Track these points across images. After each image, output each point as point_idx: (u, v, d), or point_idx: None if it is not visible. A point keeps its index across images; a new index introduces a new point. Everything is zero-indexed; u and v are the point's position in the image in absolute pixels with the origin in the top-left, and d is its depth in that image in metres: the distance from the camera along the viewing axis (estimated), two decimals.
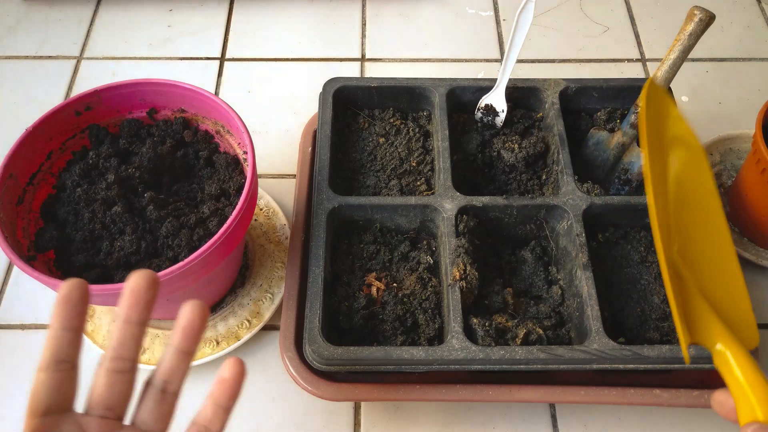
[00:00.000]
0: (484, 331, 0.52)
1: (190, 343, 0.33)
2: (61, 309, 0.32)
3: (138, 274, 0.33)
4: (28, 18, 0.89)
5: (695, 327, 0.40)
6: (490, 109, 0.66)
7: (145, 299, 0.33)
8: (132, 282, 0.33)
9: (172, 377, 0.33)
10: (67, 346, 0.32)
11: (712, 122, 0.78)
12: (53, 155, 0.57)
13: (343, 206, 0.58)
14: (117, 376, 0.32)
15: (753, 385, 0.36)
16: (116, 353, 0.32)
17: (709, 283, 0.42)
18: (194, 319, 0.33)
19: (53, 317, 0.32)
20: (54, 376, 0.31)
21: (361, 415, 0.59)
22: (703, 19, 0.58)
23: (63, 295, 0.32)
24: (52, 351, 0.31)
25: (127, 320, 0.33)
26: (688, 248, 0.43)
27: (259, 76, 0.83)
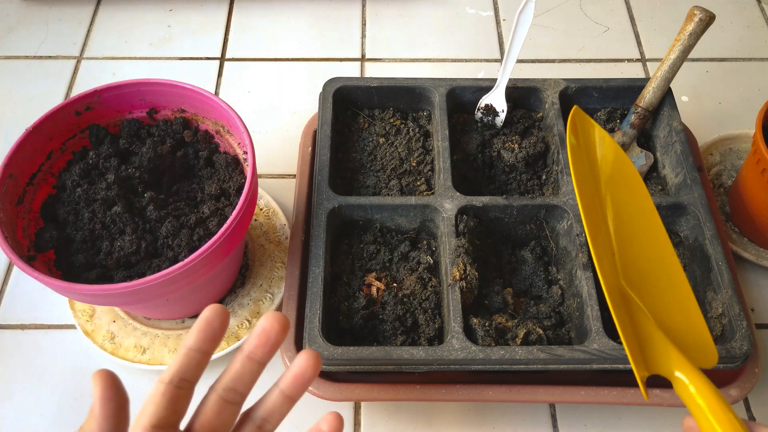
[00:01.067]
0: (484, 331, 0.52)
1: (297, 391, 0.34)
2: (201, 331, 0.33)
3: (274, 315, 0.33)
4: (28, 18, 0.89)
5: (651, 357, 0.39)
6: (490, 109, 0.66)
7: (274, 341, 0.34)
8: (267, 322, 0.33)
9: (271, 417, 0.34)
10: (194, 366, 0.33)
11: (712, 122, 0.78)
12: (53, 155, 0.57)
13: (343, 206, 0.58)
14: (226, 405, 0.33)
15: (715, 411, 0.36)
16: (232, 384, 0.33)
17: (661, 307, 0.41)
18: (308, 369, 0.34)
19: (191, 336, 0.33)
20: (174, 392, 0.32)
21: (361, 415, 0.59)
22: (703, 19, 0.58)
23: (206, 318, 0.33)
24: (179, 367, 0.32)
25: (251, 357, 0.33)
26: (636, 274, 0.41)
27: (259, 76, 0.83)
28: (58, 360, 0.62)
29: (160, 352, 0.59)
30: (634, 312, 0.40)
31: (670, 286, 0.42)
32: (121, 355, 0.59)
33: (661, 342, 0.39)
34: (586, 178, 0.42)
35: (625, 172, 0.44)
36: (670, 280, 0.42)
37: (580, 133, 0.43)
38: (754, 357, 0.54)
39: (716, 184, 0.71)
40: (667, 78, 0.61)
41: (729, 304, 0.53)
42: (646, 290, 0.41)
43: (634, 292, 0.41)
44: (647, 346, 0.39)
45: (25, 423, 0.58)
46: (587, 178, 0.42)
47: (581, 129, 0.44)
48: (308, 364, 0.34)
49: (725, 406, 0.36)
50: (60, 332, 0.64)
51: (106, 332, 0.61)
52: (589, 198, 0.41)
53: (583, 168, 0.42)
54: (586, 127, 0.44)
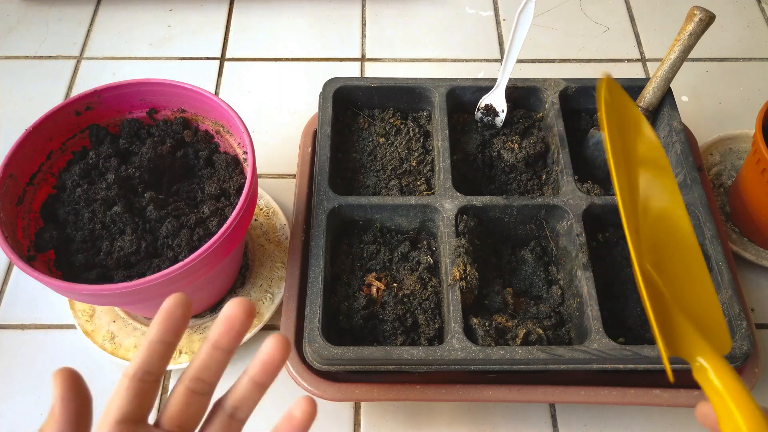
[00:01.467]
0: (484, 331, 0.52)
1: (267, 378, 0.33)
2: (162, 322, 0.32)
3: (237, 302, 0.33)
4: (28, 18, 0.89)
5: (674, 340, 0.39)
6: (490, 109, 0.66)
7: (238, 329, 0.33)
8: (229, 309, 0.32)
9: (242, 404, 0.33)
10: (157, 358, 0.32)
11: (712, 122, 0.78)
12: (53, 155, 0.57)
13: (343, 206, 0.58)
14: (194, 396, 0.33)
15: (736, 400, 0.35)
16: (198, 374, 0.33)
17: (681, 291, 0.41)
18: (276, 355, 0.33)
19: (152, 328, 0.32)
20: (138, 386, 0.31)
21: (361, 415, 0.59)
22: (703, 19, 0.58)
23: (167, 308, 0.32)
24: (142, 360, 0.32)
25: (216, 345, 0.33)
26: (658, 257, 0.41)
27: (259, 76, 0.83)
28: (58, 360, 0.62)
29: None
30: (657, 294, 0.40)
31: (691, 270, 0.42)
32: (121, 355, 0.59)
33: (683, 325, 0.39)
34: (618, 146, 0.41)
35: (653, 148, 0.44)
36: (691, 265, 0.42)
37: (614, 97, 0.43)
38: (754, 357, 0.54)
39: (716, 184, 0.71)
40: (667, 78, 0.61)
41: (729, 304, 0.53)
42: (668, 274, 0.41)
43: (657, 273, 0.41)
44: (670, 329, 0.39)
45: (25, 423, 0.58)
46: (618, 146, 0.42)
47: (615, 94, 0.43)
48: (276, 349, 0.32)
49: (747, 394, 0.35)
50: (60, 332, 0.64)
51: (106, 332, 0.61)
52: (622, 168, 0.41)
53: (615, 134, 0.42)
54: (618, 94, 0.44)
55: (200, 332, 0.61)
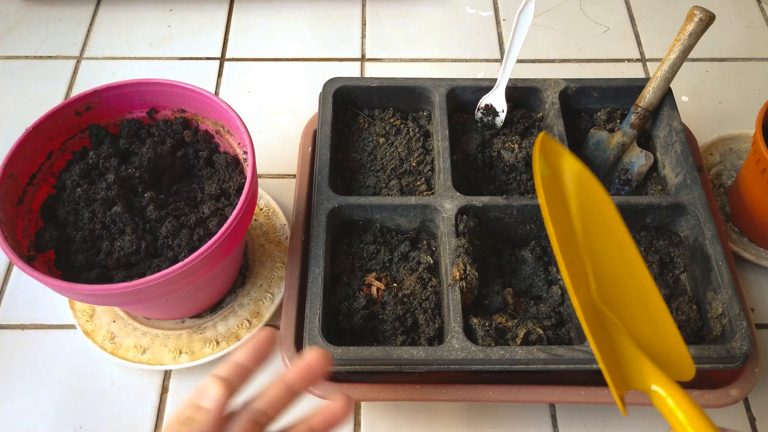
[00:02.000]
0: (484, 331, 0.52)
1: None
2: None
3: (320, 353, 0.36)
4: (28, 18, 0.89)
5: (628, 372, 0.39)
6: (490, 109, 0.66)
7: (313, 377, 0.36)
8: (312, 357, 0.36)
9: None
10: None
11: (712, 122, 0.78)
12: (53, 155, 0.57)
13: (343, 206, 0.58)
14: (256, 426, 0.34)
15: (694, 423, 0.36)
16: (265, 408, 0.35)
17: (635, 322, 0.41)
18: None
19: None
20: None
21: (361, 415, 0.59)
22: (703, 19, 0.58)
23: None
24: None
25: (291, 388, 0.35)
26: (609, 291, 0.42)
27: (258, 76, 0.83)
28: (58, 360, 0.62)
29: (160, 352, 0.59)
30: (610, 329, 0.41)
31: (643, 300, 0.43)
32: (121, 355, 0.59)
33: (637, 357, 0.40)
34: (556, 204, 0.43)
35: (591, 189, 0.45)
36: (643, 295, 0.43)
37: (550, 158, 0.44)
38: (754, 357, 0.54)
39: (716, 184, 0.71)
40: (667, 78, 0.61)
41: (729, 304, 0.53)
42: (620, 306, 0.42)
43: (609, 308, 0.41)
44: (624, 362, 0.40)
45: (25, 423, 0.58)
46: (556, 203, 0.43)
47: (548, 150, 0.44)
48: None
49: (703, 418, 0.36)
50: (60, 332, 0.64)
51: (106, 332, 0.61)
52: (561, 222, 0.42)
53: (552, 194, 0.43)
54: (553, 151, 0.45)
55: (200, 332, 0.61)
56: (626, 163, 0.64)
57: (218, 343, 0.60)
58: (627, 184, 0.64)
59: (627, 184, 0.64)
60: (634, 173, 0.64)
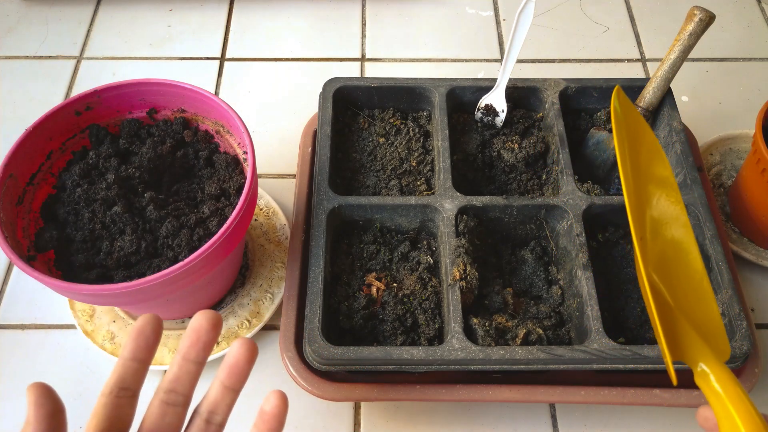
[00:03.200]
0: (484, 331, 0.52)
1: (236, 381, 0.34)
2: (134, 340, 0.33)
3: (202, 314, 0.34)
4: (28, 18, 0.89)
5: (677, 345, 0.39)
6: (490, 109, 0.66)
7: (205, 340, 0.34)
8: (195, 321, 0.34)
9: (216, 408, 0.34)
10: (131, 375, 0.33)
11: (712, 122, 0.78)
12: (53, 155, 0.57)
13: (343, 206, 0.58)
14: (169, 408, 0.33)
15: (737, 405, 0.36)
16: (171, 386, 0.34)
17: (685, 301, 0.42)
18: (241, 359, 0.34)
19: (125, 346, 0.33)
20: (115, 402, 0.32)
21: (361, 415, 0.59)
22: (703, 19, 0.58)
23: (138, 327, 0.33)
24: (117, 377, 0.33)
25: (186, 357, 0.34)
26: (661, 263, 0.42)
27: (259, 76, 0.83)
28: (58, 360, 0.62)
29: (159, 352, 0.59)
30: (660, 299, 0.41)
31: (693, 281, 0.43)
32: None
33: (686, 331, 0.40)
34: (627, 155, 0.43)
35: (658, 159, 0.45)
36: (694, 276, 0.43)
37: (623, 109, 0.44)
38: (754, 357, 0.54)
39: (716, 184, 0.71)
40: (667, 78, 0.61)
41: (729, 304, 0.53)
42: (670, 281, 0.42)
43: (661, 282, 0.41)
44: (673, 334, 0.40)
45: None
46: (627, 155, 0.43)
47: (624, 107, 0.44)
48: (240, 353, 0.33)
49: (747, 400, 0.36)
50: (60, 332, 0.64)
51: (106, 332, 0.61)
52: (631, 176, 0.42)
53: (624, 145, 0.43)
54: (627, 107, 0.45)
55: None
56: None
57: (218, 343, 0.60)
58: None
59: None
60: None
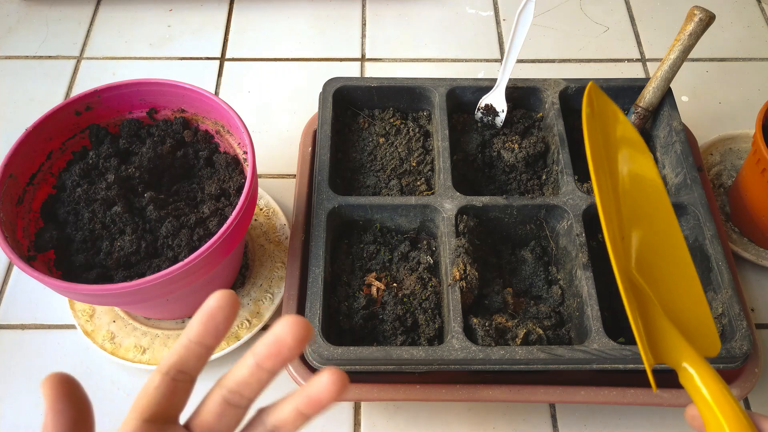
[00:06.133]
0: (484, 331, 0.52)
1: (313, 411, 0.30)
2: (203, 324, 0.29)
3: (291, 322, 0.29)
4: (28, 18, 0.89)
5: (659, 346, 0.39)
6: (490, 109, 0.66)
7: (287, 355, 0.29)
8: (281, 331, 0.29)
9: (284, 427, 0.31)
10: (194, 359, 0.30)
11: (712, 122, 0.78)
12: (53, 155, 0.57)
13: (343, 206, 0.58)
14: (230, 408, 0.30)
15: (721, 405, 0.35)
16: (238, 388, 0.30)
17: (669, 295, 0.41)
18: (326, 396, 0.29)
19: (192, 327, 0.29)
20: (171, 384, 0.29)
21: (361, 415, 0.59)
22: (703, 19, 0.58)
23: (210, 309, 0.29)
24: (177, 359, 0.29)
25: (260, 365, 0.30)
26: (644, 261, 0.41)
27: (259, 76, 0.83)
28: (58, 360, 0.62)
29: (160, 352, 0.59)
30: (643, 299, 0.40)
31: (678, 273, 0.42)
32: (121, 355, 0.59)
33: (668, 331, 0.39)
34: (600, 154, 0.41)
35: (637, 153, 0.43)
36: (678, 268, 0.42)
37: (595, 106, 0.42)
38: (754, 357, 0.54)
39: (716, 184, 0.71)
40: (667, 78, 0.61)
41: (729, 304, 0.53)
42: (654, 277, 0.41)
43: (642, 278, 0.40)
44: (655, 335, 0.39)
45: (25, 423, 0.58)
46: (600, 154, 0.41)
47: (597, 103, 0.43)
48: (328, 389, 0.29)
49: (731, 400, 0.36)
50: (60, 332, 0.64)
51: (106, 332, 0.61)
52: (603, 176, 0.40)
53: (597, 143, 0.41)
54: (602, 103, 0.43)
55: None
56: None
57: None
58: None
59: None
60: None
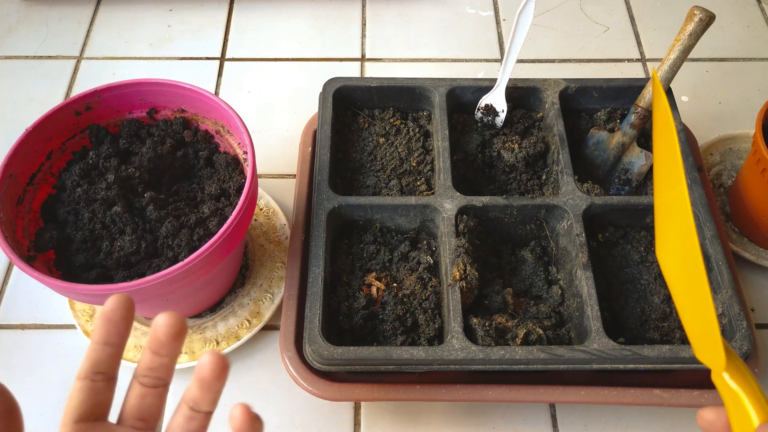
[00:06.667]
0: (484, 331, 0.52)
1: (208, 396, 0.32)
2: (103, 326, 0.32)
3: (166, 317, 0.31)
4: (28, 18, 0.89)
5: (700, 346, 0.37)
6: (490, 109, 0.66)
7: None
8: (159, 325, 0.32)
9: (198, 403, 0.33)
10: (105, 359, 0.32)
11: (712, 122, 0.78)
12: (53, 155, 0.57)
13: (343, 206, 0.58)
14: (148, 389, 0.33)
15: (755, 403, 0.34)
16: (145, 372, 0.33)
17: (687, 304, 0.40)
18: (210, 375, 0.31)
19: (95, 331, 0.32)
20: (90, 386, 0.32)
21: (361, 415, 0.59)
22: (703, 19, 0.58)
23: (105, 312, 0.32)
24: (90, 362, 0.32)
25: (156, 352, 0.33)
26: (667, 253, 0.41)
27: (259, 76, 0.83)
28: (58, 360, 0.62)
29: None
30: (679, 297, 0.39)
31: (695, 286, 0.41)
32: None
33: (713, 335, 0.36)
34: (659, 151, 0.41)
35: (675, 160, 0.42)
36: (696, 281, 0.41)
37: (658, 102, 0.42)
38: (754, 357, 0.54)
39: (716, 184, 0.71)
40: (667, 78, 0.61)
41: (729, 304, 0.53)
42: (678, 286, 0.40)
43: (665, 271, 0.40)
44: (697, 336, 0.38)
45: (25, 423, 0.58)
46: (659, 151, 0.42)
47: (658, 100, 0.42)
48: (211, 369, 0.31)
49: None
50: (60, 332, 0.64)
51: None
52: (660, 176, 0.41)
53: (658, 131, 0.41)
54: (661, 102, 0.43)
55: (200, 332, 0.61)
56: (626, 163, 0.64)
57: (218, 343, 0.60)
58: (627, 184, 0.64)
59: (627, 184, 0.64)
60: (634, 173, 0.64)
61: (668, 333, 0.55)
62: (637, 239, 0.61)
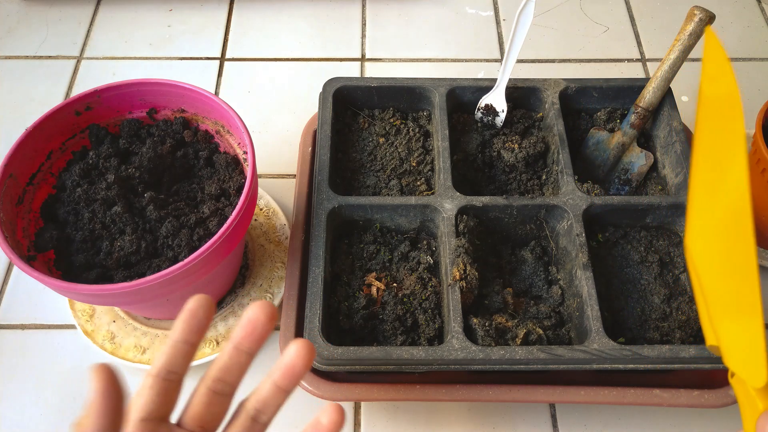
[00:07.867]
0: (484, 331, 0.52)
1: (290, 383, 0.33)
2: (186, 322, 0.32)
3: (259, 305, 0.33)
4: (28, 18, 0.89)
5: None
6: (490, 109, 0.66)
7: (260, 332, 0.33)
8: (252, 312, 0.33)
9: (265, 408, 0.34)
10: (181, 358, 0.33)
11: None
12: (53, 155, 0.57)
13: (343, 206, 0.58)
14: (216, 397, 0.33)
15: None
16: (220, 375, 0.33)
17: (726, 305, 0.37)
18: (298, 362, 0.33)
19: (176, 328, 0.32)
20: (162, 384, 0.32)
21: (361, 415, 0.59)
22: (703, 19, 0.58)
23: (191, 309, 0.32)
24: (166, 359, 0.32)
25: (238, 348, 0.33)
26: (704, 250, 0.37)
27: (258, 76, 0.83)
28: (58, 360, 0.62)
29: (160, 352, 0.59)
30: None
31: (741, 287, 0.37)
32: (121, 355, 0.59)
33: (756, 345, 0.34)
34: None
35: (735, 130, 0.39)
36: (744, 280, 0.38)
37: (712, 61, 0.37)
38: None
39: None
40: (667, 78, 0.61)
41: None
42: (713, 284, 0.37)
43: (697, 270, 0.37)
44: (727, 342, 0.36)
45: (25, 423, 0.58)
46: None
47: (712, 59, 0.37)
48: (299, 355, 0.33)
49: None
50: (60, 332, 0.64)
51: (106, 332, 0.61)
52: None
53: None
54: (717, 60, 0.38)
55: None
56: (626, 163, 0.64)
57: (218, 343, 0.60)
58: (627, 184, 0.64)
59: (627, 184, 0.64)
60: (634, 173, 0.64)
61: (668, 333, 0.55)
62: (637, 239, 0.61)
